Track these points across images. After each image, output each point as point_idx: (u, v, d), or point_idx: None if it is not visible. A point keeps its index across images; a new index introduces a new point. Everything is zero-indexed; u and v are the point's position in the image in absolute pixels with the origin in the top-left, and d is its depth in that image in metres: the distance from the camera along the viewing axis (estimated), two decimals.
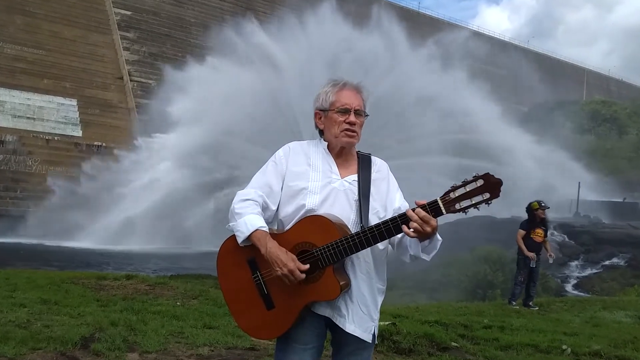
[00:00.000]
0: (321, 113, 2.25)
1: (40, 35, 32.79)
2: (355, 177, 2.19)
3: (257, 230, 2.07)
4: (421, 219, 1.97)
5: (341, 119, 2.19)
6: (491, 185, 1.94)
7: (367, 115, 2.25)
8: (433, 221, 1.98)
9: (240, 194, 2.19)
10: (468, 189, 1.95)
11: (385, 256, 2.23)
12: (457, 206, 1.96)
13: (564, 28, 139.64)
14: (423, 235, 2.01)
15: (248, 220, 2.09)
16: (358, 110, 2.20)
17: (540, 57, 63.44)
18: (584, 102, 54.67)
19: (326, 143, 2.25)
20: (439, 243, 2.10)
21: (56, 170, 27.38)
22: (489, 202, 1.95)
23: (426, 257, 2.11)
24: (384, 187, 2.23)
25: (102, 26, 36.15)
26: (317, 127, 2.29)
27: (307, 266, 2.03)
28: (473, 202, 1.95)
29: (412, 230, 1.98)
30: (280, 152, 2.26)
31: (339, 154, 2.23)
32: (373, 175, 2.22)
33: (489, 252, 15.92)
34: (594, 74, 71.35)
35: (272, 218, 2.22)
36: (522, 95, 45.32)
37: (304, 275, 2.02)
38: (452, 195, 1.97)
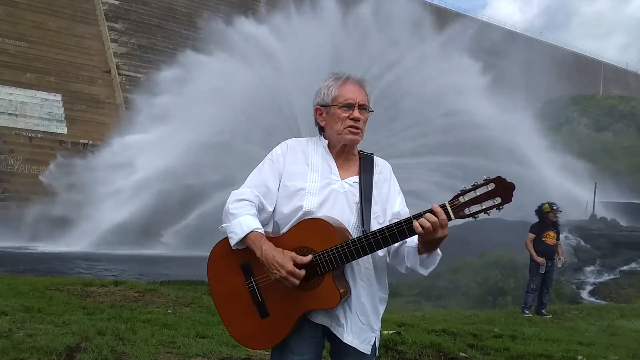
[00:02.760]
0: (322, 109, 2.23)
1: (22, 26, 32.78)
2: (356, 178, 2.18)
3: (252, 232, 2.06)
4: (432, 225, 1.95)
5: (345, 114, 2.17)
6: (503, 190, 1.93)
7: (371, 111, 2.24)
8: (441, 231, 1.96)
9: (235, 194, 2.17)
10: (478, 193, 1.94)
11: (386, 263, 2.22)
12: (467, 211, 1.96)
13: (579, 20, 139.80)
14: (429, 243, 2.00)
15: (243, 221, 2.08)
16: (362, 105, 2.18)
17: (554, 50, 63.39)
18: (600, 97, 54.69)
19: (326, 141, 2.24)
20: (439, 258, 2.09)
21: (39, 170, 27.36)
22: (501, 207, 1.94)
23: (424, 272, 2.10)
24: (385, 190, 2.22)
25: (88, 16, 36.14)
26: (317, 124, 2.27)
27: (310, 257, 2.01)
28: (483, 207, 1.94)
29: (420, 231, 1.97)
30: (277, 150, 2.25)
31: (340, 153, 2.22)
32: (375, 177, 2.21)
33: (500, 256, 15.92)
34: (611, 68, 71.28)
35: (268, 220, 2.20)
36: (535, 90, 45.28)
37: (303, 272, 2.01)
38: (461, 199, 1.96)
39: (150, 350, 4.25)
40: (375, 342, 2.19)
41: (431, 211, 1.97)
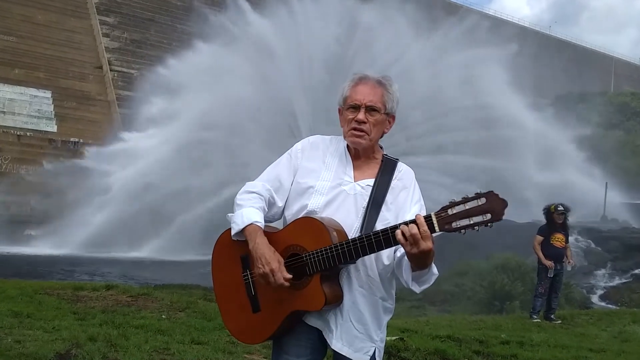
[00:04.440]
0: (341, 110, 2.27)
1: (10, 20, 32.77)
2: (371, 181, 2.19)
3: (251, 224, 2.11)
4: (412, 236, 1.92)
5: (351, 116, 2.19)
6: (494, 206, 1.91)
7: (387, 113, 2.21)
8: (423, 243, 1.92)
9: (248, 185, 2.24)
10: (468, 207, 1.93)
11: (392, 271, 2.21)
12: (454, 225, 1.94)
13: (589, 14, 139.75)
14: (412, 257, 1.97)
15: (245, 213, 2.13)
16: (371, 106, 2.18)
17: (563, 44, 63.42)
18: (611, 94, 54.65)
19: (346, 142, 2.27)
20: (434, 278, 2.09)
21: (28, 170, 27.35)
22: (490, 224, 1.92)
23: (415, 289, 2.11)
24: (402, 197, 2.21)
25: (79, 10, 36.12)
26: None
27: (290, 276, 2.04)
28: (472, 222, 1.93)
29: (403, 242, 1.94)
30: (298, 146, 2.30)
31: (357, 155, 2.24)
32: (393, 183, 2.20)
33: (507, 259, 15.89)
34: (623, 63, 71.24)
35: (279, 215, 2.25)
36: (544, 86, 45.31)
37: (287, 277, 2.03)
38: (449, 211, 1.95)
39: (143, 357, 4.25)
40: (375, 353, 2.17)
41: (414, 222, 1.95)
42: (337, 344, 2.12)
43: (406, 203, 2.21)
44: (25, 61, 31.88)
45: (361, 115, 2.17)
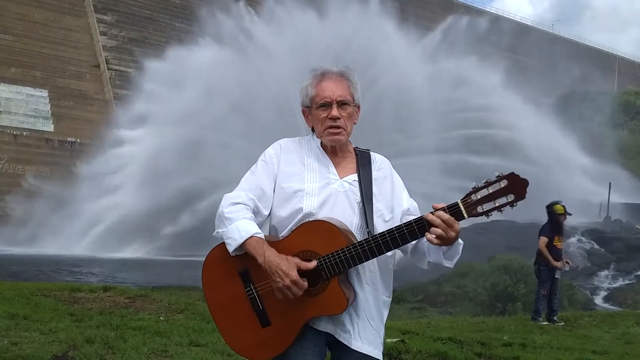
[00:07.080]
0: (307, 110, 2.26)
1: (7, 18, 32.77)
2: (355, 176, 2.19)
3: (252, 237, 2.06)
4: (445, 222, 1.97)
5: (324, 114, 2.18)
6: (516, 186, 1.97)
7: (356, 105, 2.22)
8: (457, 225, 1.99)
9: (230, 197, 2.16)
10: (491, 191, 1.98)
11: (393, 264, 2.23)
12: (480, 209, 1.99)
13: (591, 13, 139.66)
14: (446, 241, 2.01)
15: (241, 226, 2.07)
16: (341, 100, 2.18)
17: (566, 43, 63.39)
18: (615, 93, 54.67)
19: (319, 140, 2.25)
20: (461, 247, 2.11)
21: (25, 169, 27.36)
22: (514, 204, 1.98)
23: (449, 264, 2.12)
24: (387, 187, 2.23)
25: (76, 8, 36.12)
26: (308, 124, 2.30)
27: (314, 262, 2.02)
28: (497, 204, 1.98)
29: (434, 236, 1.98)
30: (270, 151, 2.26)
31: (334, 152, 2.23)
32: (374, 174, 2.22)
33: (509, 260, 15.89)
34: (627, 62, 71.19)
35: (262, 224, 2.21)
36: (546, 85, 45.31)
37: (306, 285, 2.01)
38: (473, 197, 1.99)
39: (141, 359, 4.26)
40: (381, 349, 2.20)
41: (444, 210, 1.99)
42: (356, 343, 2.11)
43: (395, 192, 2.24)
44: (22, 60, 31.88)
45: (335, 112, 2.16)
